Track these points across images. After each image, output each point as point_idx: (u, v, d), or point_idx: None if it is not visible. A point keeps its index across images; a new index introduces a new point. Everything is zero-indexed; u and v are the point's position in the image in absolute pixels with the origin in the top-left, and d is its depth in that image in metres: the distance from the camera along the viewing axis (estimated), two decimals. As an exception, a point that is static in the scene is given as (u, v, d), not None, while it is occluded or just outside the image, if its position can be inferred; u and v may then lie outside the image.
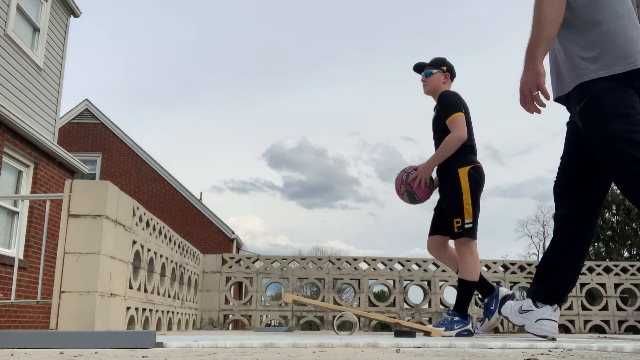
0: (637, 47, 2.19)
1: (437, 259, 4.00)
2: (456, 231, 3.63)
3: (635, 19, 2.28)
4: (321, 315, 6.26)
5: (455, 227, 3.63)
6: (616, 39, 2.21)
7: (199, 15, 68.32)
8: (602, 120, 2.19)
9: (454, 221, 3.64)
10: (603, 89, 2.19)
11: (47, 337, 1.96)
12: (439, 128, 3.85)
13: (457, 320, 3.69)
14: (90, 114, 18.80)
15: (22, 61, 8.49)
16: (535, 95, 2.31)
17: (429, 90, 3.95)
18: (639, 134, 2.11)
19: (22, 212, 8.19)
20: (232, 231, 18.69)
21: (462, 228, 3.61)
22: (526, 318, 2.64)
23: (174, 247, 5.08)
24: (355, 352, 1.78)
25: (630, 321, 6.47)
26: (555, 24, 2.25)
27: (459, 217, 3.62)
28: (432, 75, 3.93)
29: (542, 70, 2.28)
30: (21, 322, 7.98)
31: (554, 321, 2.57)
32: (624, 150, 2.13)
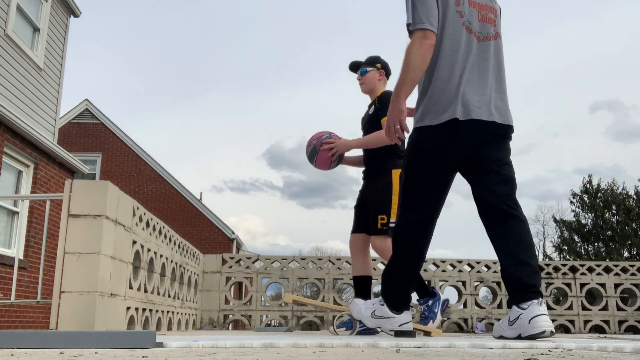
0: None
1: (355, 257, 3.90)
2: (380, 227, 3.65)
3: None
4: (321, 315, 6.26)
5: (379, 224, 3.65)
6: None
7: (199, 15, 68.34)
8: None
9: (379, 217, 3.65)
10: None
11: (47, 337, 1.96)
12: (372, 126, 3.82)
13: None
14: (90, 114, 18.80)
15: (22, 61, 8.49)
16: (397, 129, 2.65)
17: (366, 88, 3.93)
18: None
19: (22, 212, 8.19)
20: (232, 231, 18.69)
21: (386, 225, 3.63)
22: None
23: (174, 247, 5.08)
24: (355, 352, 1.78)
25: (630, 321, 6.47)
26: (419, 71, 2.55)
27: (386, 214, 3.64)
28: (367, 73, 3.90)
29: (404, 108, 2.61)
30: (21, 322, 7.98)
31: (545, 315, 2.50)
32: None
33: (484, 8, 2.71)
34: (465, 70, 2.60)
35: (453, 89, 2.57)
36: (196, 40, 70.76)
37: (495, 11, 2.75)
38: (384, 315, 2.78)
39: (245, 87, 72.78)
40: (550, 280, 6.52)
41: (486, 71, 2.65)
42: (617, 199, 24.74)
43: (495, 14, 2.74)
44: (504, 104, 2.67)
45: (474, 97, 2.57)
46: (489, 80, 2.64)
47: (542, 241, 34.75)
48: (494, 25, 2.71)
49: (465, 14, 2.63)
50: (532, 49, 59.01)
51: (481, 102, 2.58)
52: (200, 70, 72.14)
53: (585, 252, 25.17)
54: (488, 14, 2.70)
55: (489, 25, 2.68)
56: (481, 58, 2.65)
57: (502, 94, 2.69)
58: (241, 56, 70.91)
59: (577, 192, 26.70)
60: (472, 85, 2.59)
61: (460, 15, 2.62)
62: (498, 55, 2.71)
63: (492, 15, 2.72)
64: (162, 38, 70.00)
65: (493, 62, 2.67)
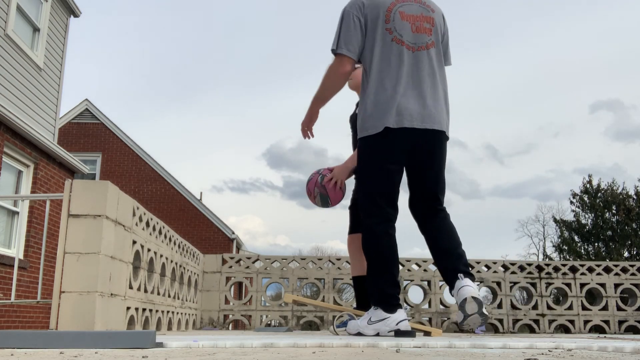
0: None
1: (353, 257, 3.82)
2: None
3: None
4: (321, 315, 6.26)
5: None
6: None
7: (199, 15, 68.33)
8: None
9: None
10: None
11: (47, 337, 1.96)
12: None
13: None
14: (90, 114, 18.80)
15: (22, 61, 8.49)
16: (305, 130, 3.24)
17: (353, 84, 3.76)
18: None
19: (22, 212, 8.19)
20: (232, 231, 18.69)
21: None
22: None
23: (174, 247, 5.08)
24: (355, 352, 1.78)
25: (630, 321, 6.47)
26: (330, 92, 3.00)
27: None
28: (355, 70, 3.73)
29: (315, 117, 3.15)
30: (21, 322, 7.98)
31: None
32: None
33: (419, 19, 2.86)
34: (399, 81, 2.78)
35: (386, 100, 2.78)
36: (196, 40, 70.77)
37: (431, 20, 2.89)
38: (380, 318, 2.81)
39: (244, 87, 72.81)
40: (550, 280, 6.53)
41: (421, 79, 2.82)
42: (617, 199, 24.74)
43: (431, 23, 2.88)
44: (437, 111, 2.83)
45: (409, 107, 2.76)
46: (425, 88, 2.81)
47: (542, 241, 34.77)
48: (430, 35, 2.86)
49: (395, 29, 2.81)
50: (532, 48, 59.02)
51: (415, 110, 2.77)
52: (200, 70, 72.16)
53: (585, 252, 25.18)
54: (423, 24, 2.85)
55: (423, 35, 2.84)
56: (416, 67, 2.82)
57: (437, 100, 2.85)
58: (241, 56, 70.94)
59: (577, 192, 26.72)
60: (407, 95, 2.78)
61: (389, 32, 2.81)
62: (433, 63, 2.86)
63: (428, 25, 2.86)
64: (162, 38, 70.02)
65: (428, 70, 2.84)
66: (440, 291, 6.40)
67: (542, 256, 32.35)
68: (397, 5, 2.85)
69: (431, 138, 2.84)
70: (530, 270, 6.55)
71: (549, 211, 46.71)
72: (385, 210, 2.87)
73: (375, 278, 2.85)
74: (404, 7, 2.86)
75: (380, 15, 2.82)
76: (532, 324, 6.43)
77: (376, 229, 2.86)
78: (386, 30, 2.80)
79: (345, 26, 2.84)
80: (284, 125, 71.32)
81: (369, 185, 2.92)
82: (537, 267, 6.58)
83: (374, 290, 2.87)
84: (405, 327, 2.77)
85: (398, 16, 2.82)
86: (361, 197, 2.99)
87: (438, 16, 2.94)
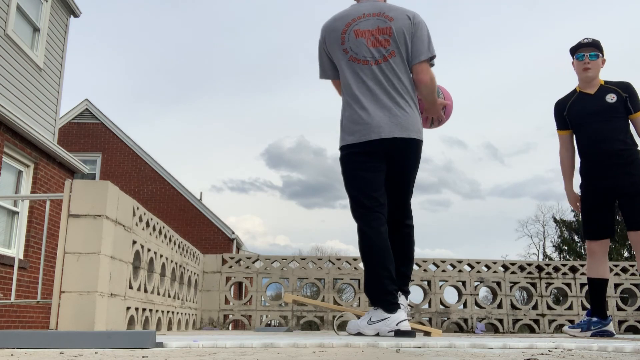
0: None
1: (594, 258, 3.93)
2: None
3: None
4: (321, 315, 6.26)
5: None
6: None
7: (198, 15, 68.32)
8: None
9: None
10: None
11: (47, 337, 1.96)
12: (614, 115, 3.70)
13: (596, 321, 3.75)
14: (90, 114, 18.80)
15: (22, 61, 8.49)
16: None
17: (593, 74, 3.77)
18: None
19: (22, 212, 8.19)
20: (232, 231, 18.69)
21: None
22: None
23: (174, 247, 5.08)
24: (355, 352, 1.78)
25: (630, 321, 6.47)
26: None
27: None
28: (598, 58, 3.78)
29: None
30: (21, 322, 7.98)
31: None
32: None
33: (374, 33, 2.97)
34: (362, 97, 2.96)
35: (354, 116, 2.98)
36: (196, 40, 70.76)
37: (388, 30, 2.97)
38: (380, 318, 2.84)
39: (244, 87, 72.81)
40: (550, 280, 6.53)
41: (385, 91, 2.96)
42: (617, 199, 24.67)
43: (388, 33, 2.97)
44: (405, 119, 2.95)
45: (375, 119, 2.92)
46: (386, 100, 2.95)
47: (542, 241, 34.74)
48: (388, 45, 2.97)
49: (351, 48, 2.98)
50: (531, 48, 59.03)
51: (383, 121, 2.92)
52: (200, 70, 72.16)
53: (585, 252, 25.15)
54: (379, 37, 2.96)
55: (381, 48, 2.96)
56: (377, 81, 2.96)
57: (402, 109, 2.97)
58: (240, 56, 70.92)
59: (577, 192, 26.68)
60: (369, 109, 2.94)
61: (345, 52, 3.00)
62: (396, 71, 2.98)
63: (385, 36, 2.96)
64: (161, 38, 70.02)
65: (393, 80, 2.97)
66: (441, 291, 6.40)
67: (542, 256, 32.36)
68: (352, 24, 3.01)
69: (404, 146, 2.98)
70: (530, 270, 6.55)
71: (549, 211, 46.66)
72: (370, 210, 2.99)
73: (373, 278, 2.91)
74: (360, 23, 3.00)
75: (337, 39, 3.03)
76: (532, 324, 6.43)
77: (366, 229, 2.97)
78: (343, 52, 3.02)
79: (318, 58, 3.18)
80: (282, 125, 71.31)
81: (349, 190, 3.08)
82: (537, 267, 6.59)
83: (372, 291, 2.92)
84: (406, 327, 2.80)
85: (352, 35, 2.99)
86: (350, 203, 3.12)
87: (397, 22, 2.99)
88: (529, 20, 57.04)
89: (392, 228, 3.11)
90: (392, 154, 3.00)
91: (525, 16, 57.04)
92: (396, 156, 3.01)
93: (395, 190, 3.11)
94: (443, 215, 61.21)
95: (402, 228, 3.17)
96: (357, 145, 2.97)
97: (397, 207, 3.14)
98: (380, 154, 2.99)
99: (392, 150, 2.98)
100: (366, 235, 2.95)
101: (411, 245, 3.21)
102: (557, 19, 56.53)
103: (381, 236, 2.94)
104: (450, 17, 63.17)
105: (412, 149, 3.02)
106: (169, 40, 69.29)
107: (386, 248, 2.92)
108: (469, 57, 59.87)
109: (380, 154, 2.99)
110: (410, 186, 3.16)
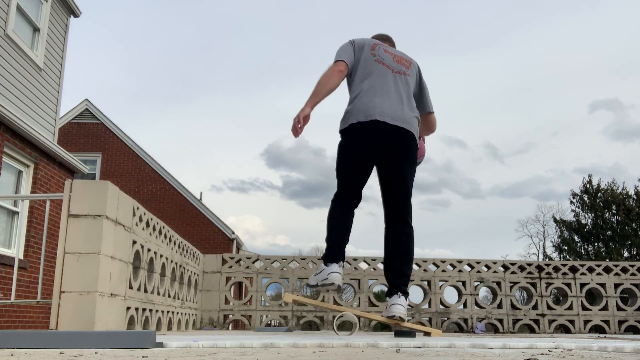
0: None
1: None
2: None
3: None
4: (321, 315, 6.26)
5: None
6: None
7: (198, 15, 68.32)
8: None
9: None
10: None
11: (47, 337, 1.96)
12: None
13: None
14: (90, 114, 18.79)
15: (22, 61, 8.49)
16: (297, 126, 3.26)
17: None
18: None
19: (22, 212, 8.19)
20: (232, 231, 18.68)
21: None
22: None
23: (174, 247, 5.08)
24: (355, 352, 1.79)
25: (630, 321, 6.47)
26: (329, 90, 3.28)
27: None
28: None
29: (308, 112, 3.25)
30: (21, 322, 7.98)
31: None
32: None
33: (398, 56, 3.49)
34: (377, 89, 3.28)
35: (363, 100, 3.26)
36: (195, 40, 70.73)
37: (408, 62, 3.50)
38: (319, 270, 3.29)
39: (243, 87, 72.79)
40: (550, 280, 6.53)
41: (397, 93, 3.32)
42: (617, 199, 24.73)
43: (408, 64, 3.50)
44: (409, 117, 3.28)
45: (384, 106, 3.21)
46: (396, 99, 3.29)
47: (542, 241, 34.75)
48: (407, 68, 3.46)
49: (378, 55, 3.42)
50: (531, 48, 59.02)
51: (388, 110, 3.22)
52: (199, 70, 72.14)
53: (585, 252, 25.17)
54: (402, 60, 3.48)
55: (402, 65, 3.45)
56: (393, 83, 3.34)
57: (409, 110, 3.31)
58: (240, 56, 70.90)
59: (577, 192, 26.71)
60: (380, 99, 3.25)
61: (373, 55, 3.42)
62: (408, 87, 3.39)
63: (406, 62, 3.49)
64: (161, 38, 69.99)
65: (405, 91, 3.36)
66: (441, 291, 6.40)
67: (542, 256, 32.36)
68: (382, 45, 3.50)
69: (404, 137, 3.24)
70: (530, 270, 6.55)
71: (549, 211, 46.69)
72: (350, 204, 3.32)
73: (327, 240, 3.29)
74: (388, 48, 3.51)
75: (369, 46, 3.45)
76: (532, 324, 6.43)
77: (337, 210, 3.33)
78: (371, 55, 3.42)
79: (342, 49, 3.47)
80: (281, 125, 71.29)
81: (337, 175, 3.37)
82: (537, 267, 6.58)
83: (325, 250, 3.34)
84: (333, 279, 3.16)
85: (381, 50, 3.46)
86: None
87: (414, 62, 3.56)
88: (530, 20, 57.04)
89: (393, 227, 3.29)
90: (391, 143, 3.21)
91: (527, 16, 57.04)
92: (395, 146, 3.22)
93: (395, 188, 3.28)
94: (443, 215, 61.18)
95: (403, 227, 3.31)
96: (361, 126, 3.19)
97: (398, 207, 3.29)
98: (378, 142, 3.20)
99: (392, 139, 3.20)
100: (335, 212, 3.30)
101: (411, 245, 3.33)
102: (558, 18, 56.53)
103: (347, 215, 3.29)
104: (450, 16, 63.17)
105: (411, 142, 3.27)
106: (169, 40, 69.29)
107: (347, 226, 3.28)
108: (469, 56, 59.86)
109: (378, 141, 3.20)
110: (409, 183, 3.30)
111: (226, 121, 71.25)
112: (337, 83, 3.33)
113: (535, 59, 56.91)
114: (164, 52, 69.14)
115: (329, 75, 3.30)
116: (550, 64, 56.81)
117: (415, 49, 30.73)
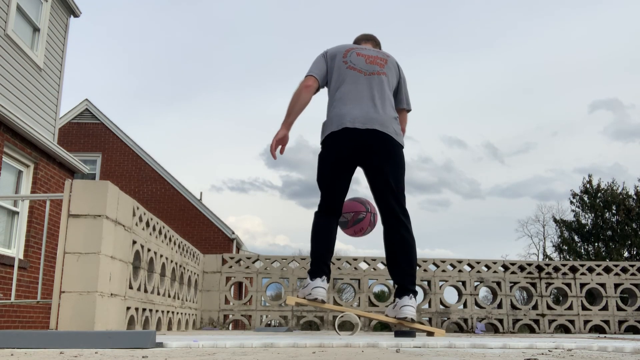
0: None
1: None
2: None
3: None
4: (321, 315, 6.26)
5: None
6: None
7: (198, 15, 68.30)
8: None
9: None
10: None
11: (47, 337, 1.96)
12: None
13: None
14: (90, 114, 18.79)
15: (22, 61, 8.49)
16: (274, 151, 3.35)
17: None
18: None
19: (22, 212, 8.19)
20: (232, 231, 18.68)
21: None
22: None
23: (174, 247, 5.08)
24: (355, 352, 1.79)
25: (630, 321, 6.47)
26: (300, 107, 3.36)
27: None
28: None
29: (282, 135, 3.36)
30: (21, 322, 7.98)
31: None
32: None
33: (372, 57, 3.47)
34: (347, 96, 3.29)
35: (335, 111, 3.29)
36: (195, 41, 70.73)
37: (384, 60, 3.48)
38: (305, 285, 3.33)
39: (243, 86, 72.78)
40: (550, 280, 6.53)
41: (370, 96, 3.32)
42: (617, 199, 24.73)
43: (384, 62, 3.47)
44: (384, 118, 3.27)
45: (353, 113, 3.23)
46: (368, 102, 3.29)
47: (542, 241, 34.74)
48: (382, 67, 3.44)
49: (351, 61, 3.42)
50: (531, 48, 59.02)
51: (359, 115, 3.23)
52: (199, 70, 72.13)
53: (585, 252, 25.17)
54: (376, 60, 3.47)
55: (375, 65, 3.43)
56: (365, 87, 3.34)
57: (383, 111, 3.29)
58: (239, 56, 70.90)
59: (577, 192, 26.72)
60: (350, 106, 3.26)
61: (345, 63, 3.42)
62: (382, 87, 3.38)
63: (380, 62, 3.47)
64: (161, 38, 69.98)
65: (379, 91, 3.35)
66: (441, 291, 6.40)
67: (542, 256, 32.36)
68: (355, 49, 3.49)
69: (379, 139, 3.24)
70: (530, 270, 6.55)
71: (549, 211, 46.68)
72: (331, 215, 3.35)
73: (311, 254, 3.33)
74: (362, 50, 3.50)
75: (341, 53, 3.47)
76: (532, 324, 6.43)
77: (320, 221, 3.36)
78: (343, 62, 3.43)
79: (315, 62, 3.50)
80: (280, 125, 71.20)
81: (319, 186, 3.40)
82: (537, 267, 6.58)
83: (310, 264, 3.37)
84: (317, 294, 3.19)
85: (354, 55, 3.45)
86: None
87: (391, 59, 3.54)
88: (530, 20, 57.03)
89: (389, 227, 3.31)
90: (366, 146, 3.23)
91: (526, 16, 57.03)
92: (370, 148, 3.24)
93: (380, 187, 3.31)
94: (443, 215, 61.16)
95: (399, 226, 3.32)
96: (333, 136, 3.24)
97: (388, 205, 3.31)
98: (353, 148, 3.23)
99: (366, 142, 3.22)
100: (317, 224, 3.34)
101: (411, 243, 3.33)
102: (558, 18, 56.53)
103: (329, 226, 3.33)
104: (449, 16, 63.17)
105: (387, 142, 3.27)
106: (169, 40, 69.27)
107: (330, 237, 3.32)
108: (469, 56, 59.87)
109: (352, 148, 3.23)
110: (391, 181, 3.29)
111: (226, 121, 71.25)
112: (307, 99, 3.37)
113: (535, 58, 56.91)
114: (164, 52, 69.14)
115: (298, 92, 3.36)
116: (551, 63, 56.81)
117: (415, 49, 30.42)
